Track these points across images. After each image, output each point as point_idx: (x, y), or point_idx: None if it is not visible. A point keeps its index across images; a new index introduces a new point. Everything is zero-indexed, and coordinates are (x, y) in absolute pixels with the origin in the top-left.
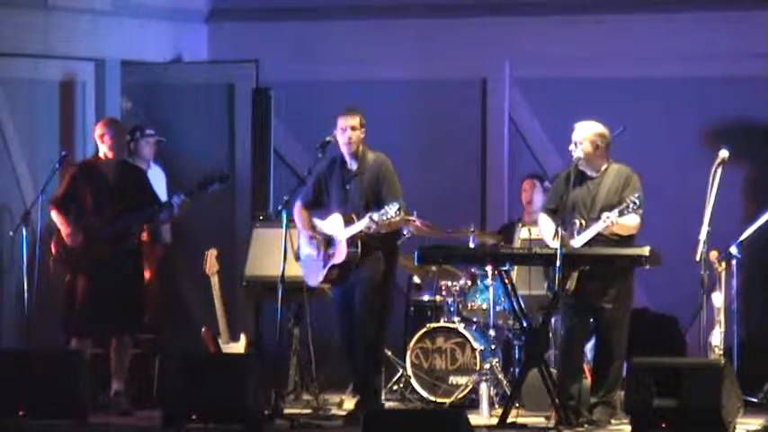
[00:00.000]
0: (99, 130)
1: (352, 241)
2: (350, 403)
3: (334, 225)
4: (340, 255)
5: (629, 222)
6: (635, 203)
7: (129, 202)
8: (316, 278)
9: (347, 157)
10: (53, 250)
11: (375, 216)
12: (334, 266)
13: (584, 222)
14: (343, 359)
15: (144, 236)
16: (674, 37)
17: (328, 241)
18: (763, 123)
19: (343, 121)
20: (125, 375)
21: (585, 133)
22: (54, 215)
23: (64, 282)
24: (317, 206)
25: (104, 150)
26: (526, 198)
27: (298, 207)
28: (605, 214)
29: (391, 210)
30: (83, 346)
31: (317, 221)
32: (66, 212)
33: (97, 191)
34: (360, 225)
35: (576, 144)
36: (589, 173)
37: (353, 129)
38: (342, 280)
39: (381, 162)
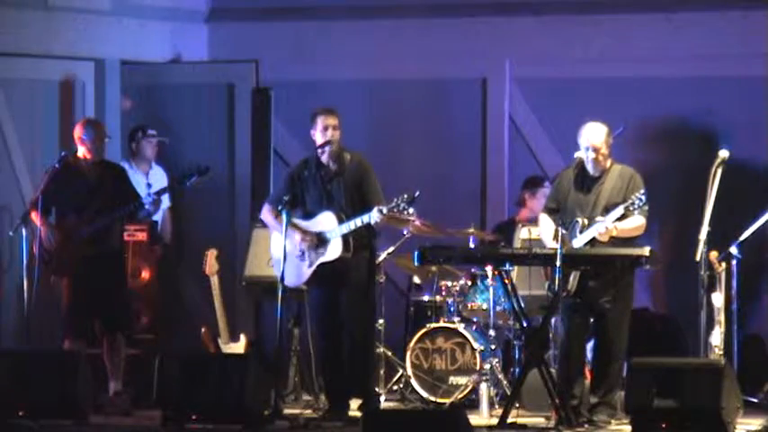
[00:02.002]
0: (77, 132)
1: (345, 239)
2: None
3: (326, 223)
4: (333, 252)
5: (632, 224)
6: (640, 200)
7: (109, 201)
8: (300, 277)
9: (326, 157)
10: (34, 251)
11: (384, 209)
12: (322, 265)
13: (586, 222)
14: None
15: (143, 236)
16: (674, 37)
17: (319, 239)
18: (763, 123)
19: (324, 120)
20: (121, 375)
21: (602, 136)
22: (33, 215)
23: (50, 283)
24: (291, 207)
25: (83, 152)
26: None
27: (267, 209)
28: (599, 218)
29: (401, 202)
30: (76, 347)
31: (299, 221)
32: (47, 212)
33: (76, 190)
34: (363, 219)
35: (594, 149)
36: (592, 173)
37: (335, 128)
38: (327, 279)
39: (360, 161)
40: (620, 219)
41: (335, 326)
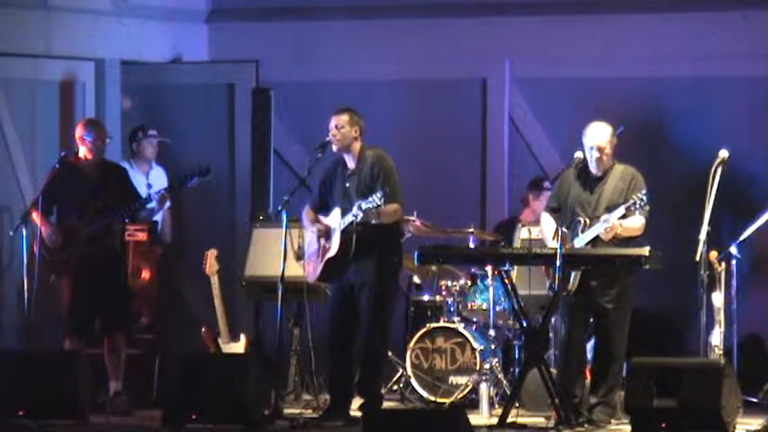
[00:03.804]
0: (78, 131)
1: (346, 235)
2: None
3: (333, 219)
4: (334, 247)
5: (634, 224)
6: (642, 200)
7: (110, 201)
8: (314, 273)
9: (345, 156)
10: (34, 251)
11: (363, 204)
12: (329, 261)
13: (587, 221)
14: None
15: (143, 236)
16: (675, 37)
17: (327, 234)
18: (763, 123)
19: (330, 121)
20: (121, 375)
21: (606, 136)
22: (33, 215)
23: (50, 283)
24: (324, 208)
25: (84, 152)
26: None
27: (306, 210)
28: (604, 216)
29: (375, 197)
30: (76, 347)
31: (321, 217)
32: (48, 212)
33: (77, 190)
34: (350, 215)
35: (598, 149)
36: (595, 173)
37: (337, 127)
38: (338, 275)
39: (377, 158)
40: (621, 218)
41: (342, 323)
